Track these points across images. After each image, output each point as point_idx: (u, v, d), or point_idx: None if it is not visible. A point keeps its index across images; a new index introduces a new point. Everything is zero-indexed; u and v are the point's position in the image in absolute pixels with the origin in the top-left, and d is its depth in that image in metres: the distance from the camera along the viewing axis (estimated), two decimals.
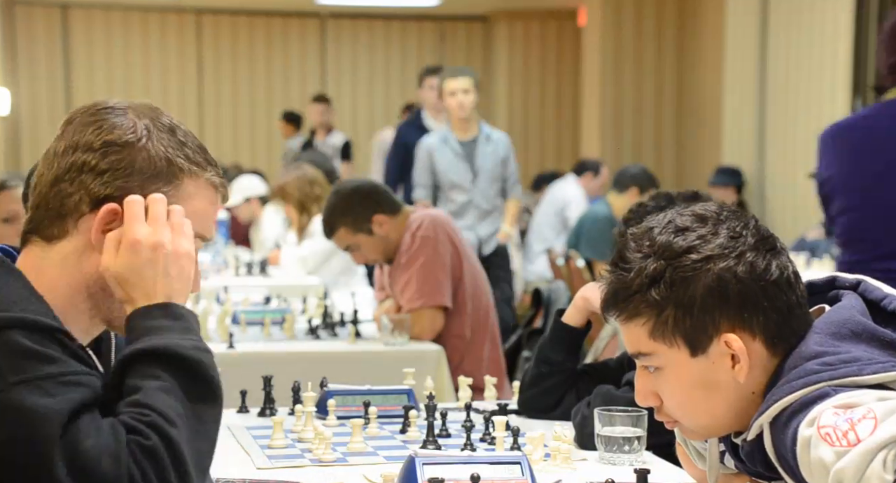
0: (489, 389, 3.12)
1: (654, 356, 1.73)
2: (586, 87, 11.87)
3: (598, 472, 2.26)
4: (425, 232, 4.17)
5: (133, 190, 1.64)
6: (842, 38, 8.22)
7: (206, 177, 1.71)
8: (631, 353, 1.77)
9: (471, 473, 1.79)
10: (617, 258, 1.75)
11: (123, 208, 1.63)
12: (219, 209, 1.79)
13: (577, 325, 2.83)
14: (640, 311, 1.71)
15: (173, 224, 1.65)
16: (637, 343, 1.74)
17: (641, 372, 1.78)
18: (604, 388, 2.56)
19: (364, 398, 2.72)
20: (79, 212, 1.64)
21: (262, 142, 13.80)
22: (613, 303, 1.75)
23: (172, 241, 1.64)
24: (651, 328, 1.71)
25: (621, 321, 1.75)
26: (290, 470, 2.30)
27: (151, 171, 1.65)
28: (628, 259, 1.73)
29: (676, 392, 1.74)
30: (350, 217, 4.21)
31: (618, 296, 1.73)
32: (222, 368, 2.79)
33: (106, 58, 13.49)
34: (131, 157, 1.65)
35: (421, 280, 4.14)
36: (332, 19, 14.07)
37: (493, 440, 2.46)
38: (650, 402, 1.78)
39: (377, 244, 4.23)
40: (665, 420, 1.80)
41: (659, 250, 1.70)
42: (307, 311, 4.76)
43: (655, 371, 1.74)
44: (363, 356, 3.94)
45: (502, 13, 13.75)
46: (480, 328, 4.27)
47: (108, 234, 1.63)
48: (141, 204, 1.64)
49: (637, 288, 1.70)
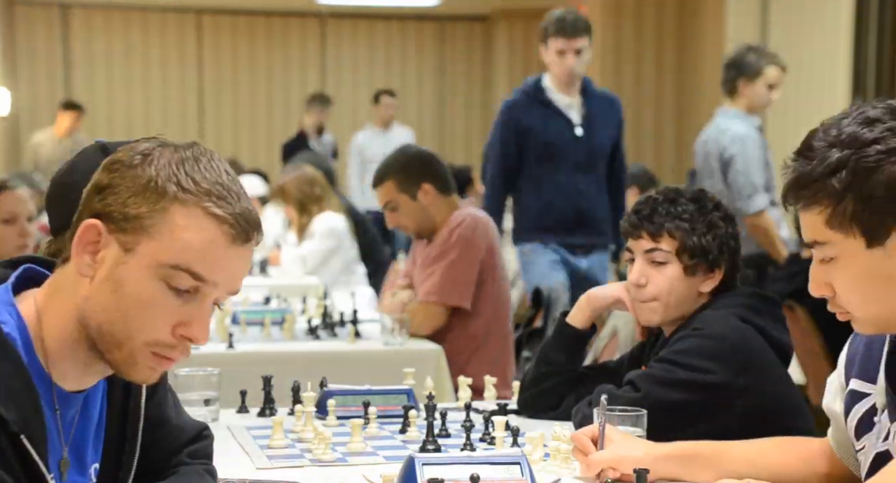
0: (489, 389, 3.12)
1: (830, 245, 1.73)
2: None
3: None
4: (464, 231, 4.20)
5: (116, 207, 1.58)
6: (842, 38, 8.22)
7: (203, 206, 1.59)
8: (807, 241, 1.78)
9: (470, 473, 1.79)
10: (803, 146, 1.76)
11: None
12: (241, 253, 1.62)
13: (581, 327, 2.84)
14: (819, 199, 1.72)
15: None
16: (814, 231, 1.75)
17: (816, 262, 1.78)
18: (604, 388, 2.57)
19: (364, 398, 2.72)
20: (75, 231, 1.62)
21: (262, 142, 13.79)
22: (794, 189, 1.75)
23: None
24: (828, 217, 1.71)
25: (800, 208, 1.75)
26: (290, 470, 2.30)
27: (135, 189, 1.58)
28: (814, 147, 1.73)
29: (850, 282, 1.74)
30: (403, 174, 4.27)
31: (799, 182, 1.74)
32: (222, 368, 2.80)
33: (106, 58, 13.48)
34: (125, 175, 1.60)
35: (445, 277, 4.16)
36: (332, 19, 14.07)
37: (493, 440, 2.46)
38: (823, 291, 1.79)
39: (416, 212, 4.26)
40: (838, 311, 1.80)
41: (845, 140, 1.71)
42: (307, 311, 4.76)
43: (830, 261, 1.75)
44: (363, 356, 3.94)
45: (502, 13, 13.75)
46: (496, 332, 4.28)
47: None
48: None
49: (818, 176, 1.71)
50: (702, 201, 2.69)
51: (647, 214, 2.68)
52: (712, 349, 2.54)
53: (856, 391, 1.92)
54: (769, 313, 2.67)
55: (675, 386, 2.51)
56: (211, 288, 1.61)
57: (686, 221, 2.65)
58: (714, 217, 2.67)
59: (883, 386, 1.84)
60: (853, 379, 1.93)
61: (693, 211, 2.66)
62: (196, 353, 3.72)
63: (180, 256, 1.58)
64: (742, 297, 2.68)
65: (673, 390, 2.51)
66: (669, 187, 2.77)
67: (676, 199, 2.68)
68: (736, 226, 2.72)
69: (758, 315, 2.63)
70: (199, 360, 3.34)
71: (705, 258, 2.64)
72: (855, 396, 1.92)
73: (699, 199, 2.69)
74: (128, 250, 1.58)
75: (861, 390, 1.91)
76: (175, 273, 1.58)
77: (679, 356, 2.55)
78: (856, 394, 1.92)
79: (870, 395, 1.89)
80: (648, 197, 2.73)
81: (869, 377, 1.89)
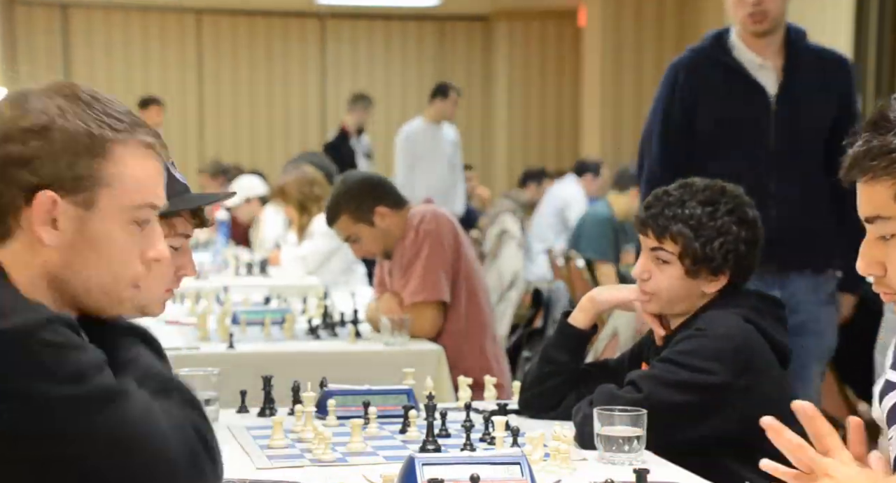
0: (489, 389, 3.12)
1: (894, 221, 1.70)
2: (586, 87, 11.87)
3: (597, 472, 2.26)
4: (427, 226, 4.18)
5: (62, 171, 1.59)
6: (842, 38, 8.22)
7: (136, 139, 1.65)
8: (867, 216, 1.73)
9: (470, 473, 1.79)
10: (877, 117, 1.72)
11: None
12: (162, 171, 1.71)
13: (583, 327, 2.83)
14: (892, 171, 1.67)
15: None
16: (878, 205, 1.70)
17: (871, 239, 1.74)
18: (605, 388, 2.57)
19: (364, 398, 2.72)
20: (16, 207, 1.60)
21: (262, 142, 13.80)
22: (865, 160, 1.70)
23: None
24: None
25: (866, 180, 1.71)
26: (290, 470, 2.30)
27: (75, 148, 1.60)
28: (890, 118, 1.69)
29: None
30: (353, 205, 4.22)
31: (871, 152, 1.69)
32: (222, 368, 2.80)
33: (106, 58, 13.49)
34: (50, 138, 1.60)
35: (424, 274, 4.14)
36: (332, 19, 14.07)
37: (493, 440, 2.46)
38: (873, 270, 1.75)
39: (378, 236, 4.24)
40: (883, 291, 1.77)
41: None
42: (307, 311, 4.76)
43: (891, 238, 1.71)
44: (363, 356, 3.94)
45: (502, 13, 13.75)
46: (476, 323, 4.25)
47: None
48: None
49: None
50: (716, 204, 2.66)
51: (654, 213, 2.67)
52: (715, 350, 2.54)
53: (892, 382, 1.90)
54: (771, 315, 2.67)
55: (678, 387, 2.51)
56: (157, 211, 1.69)
57: (692, 227, 2.63)
58: (725, 221, 2.64)
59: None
60: (890, 370, 1.92)
61: (702, 214, 2.64)
62: (196, 353, 3.76)
63: (138, 195, 1.65)
64: (746, 298, 2.68)
65: (675, 391, 2.50)
66: (686, 182, 2.72)
67: (687, 200, 2.66)
68: (756, 228, 2.68)
69: (760, 316, 2.63)
70: (199, 361, 3.35)
71: (708, 264, 2.64)
72: (890, 386, 1.90)
73: (713, 201, 2.66)
74: (88, 207, 1.62)
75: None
76: (139, 211, 1.65)
77: (682, 357, 2.55)
78: (891, 385, 1.90)
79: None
80: (662, 192, 2.71)
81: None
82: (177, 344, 3.83)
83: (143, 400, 1.56)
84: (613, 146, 11.18)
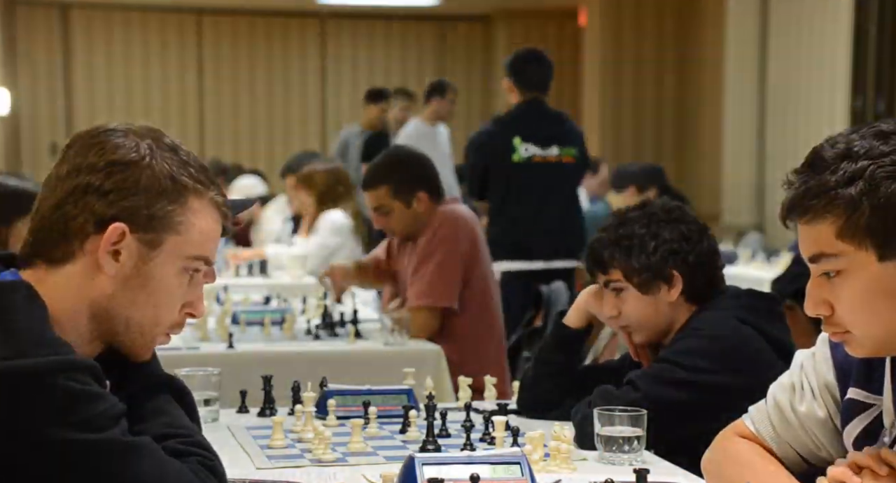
0: (489, 389, 3.12)
1: (838, 258, 1.69)
2: (586, 87, 11.87)
3: (597, 472, 2.26)
4: (445, 232, 4.16)
5: (139, 209, 1.65)
6: (842, 39, 8.22)
7: (210, 196, 1.72)
8: (810, 255, 1.73)
9: (470, 473, 1.79)
10: (811, 159, 1.72)
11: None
12: (220, 232, 1.78)
13: (578, 327, 2.84)
14: (832, 209, 1.67)
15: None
16: (822, 243, 1.70)
17: (817, 278, 1.73)
18: (603, 388, 2.57)
19: (364, 398, 2.72)
20: (84, 233, 1.65)
21: (262, 142, 13.79)
22: (803, 201, 1.70)
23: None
24: (841, 227, 1.67)
25: (806, 221, 1.71)
26: (290, 470, 2.30)
27: (157, 189, 1.66)
28: (825, 157, 1.69)
29: (856, 297, 1.69)
30: (398, 179, 4.17)
31: (809, 193, 1.69)
32: (222, 368, 2.80)
33: (106, 58, 13.48)
34: (135, 175, 1.65)
35: (431, 279, 4.13)
36: (332, 19, 14.07)
37: (493, 440, 2.46)
38: (820, 310, 1.74)
39: (407, 219, 4.20)
40: (832, 331, 1.75)
41: (860, 151, 1.67)
42: (307, 311, 4.75)
43: (835, 276, 1.70)
44: (363, 356, 3.94)
45: (502, 13, 13.75)
46: (485, 329, 4.26)
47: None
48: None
49: (834, 184, 1.67)
50: (641, 218, 2.69)
51: (593, 253, 2.73)
52: (712, 349, 2.55)
53: (856, 401, 1.87)
54: (768, 312, 2.67)
55: (675, 386, 2.52)
56: (208, 267, 1.75)
57: (624, 247, 2.67)
58: (656, 228, 2.67)
59: (891, 405, 1.79)
60: (852, 388, 1.88)
61: (632, 230, 2.67)
62: (196, 353, 3.75)
63: (201, 247, 1.71)
64: (740, 298, 2.69)
65: (673, 390, 2.52)
66: (620, 210, 2.78)
67: (619, 224, 2.70)
68: (691, 224, 2.69)
69: (756, 314, 2.64)
70: (199, 360, 3.35)
71: (654, 274, 2.65)
72: (855, 406, 1.87)
73: (639, 218, 2.69)
74: (153, 248, 1.67)
75: (864, 401, 1.85)
76: (196, 262, 1.71)
77: (679, 356, 2.56)
78: (856, 403, 1.87)
79: (874, 405, 1.84)
80: (600, 231, 2.75)
81: (873, 389, 1.84)
82: (177, 344, 3.83)
83: (156, 458, 1.58)
84: (613, 146, 11.18)
